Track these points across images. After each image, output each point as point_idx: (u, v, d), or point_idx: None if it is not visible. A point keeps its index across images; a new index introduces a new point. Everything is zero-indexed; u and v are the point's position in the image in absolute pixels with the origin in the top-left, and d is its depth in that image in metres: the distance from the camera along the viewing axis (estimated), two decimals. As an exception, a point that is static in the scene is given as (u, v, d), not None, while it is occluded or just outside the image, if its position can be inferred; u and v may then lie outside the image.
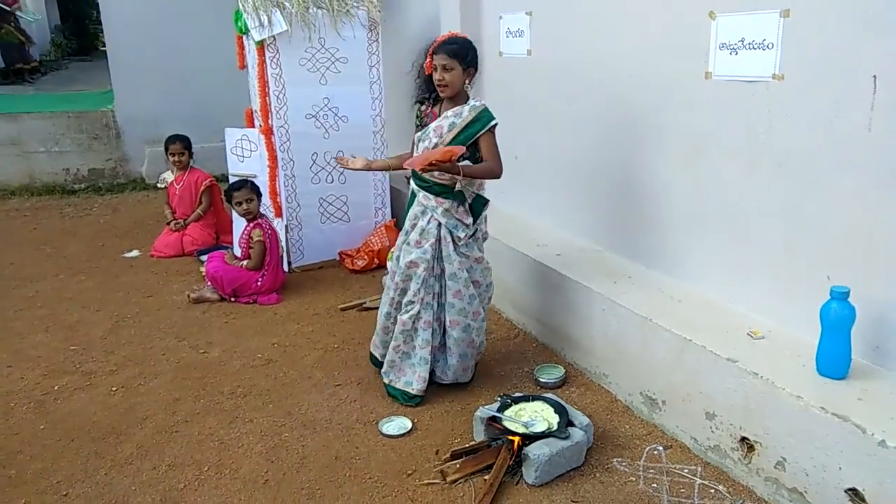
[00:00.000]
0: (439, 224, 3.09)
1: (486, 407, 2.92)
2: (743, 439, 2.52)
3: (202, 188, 5.40)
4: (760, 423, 2.43)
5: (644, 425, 2.99)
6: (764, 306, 2.81)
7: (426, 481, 2.66)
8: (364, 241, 5.07)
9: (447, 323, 3.19)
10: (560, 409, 2.84)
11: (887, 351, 2.38)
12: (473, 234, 3.15)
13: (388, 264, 4.51)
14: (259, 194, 4.51)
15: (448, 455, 2.78)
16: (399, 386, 3.21)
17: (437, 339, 3.23)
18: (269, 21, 4.39)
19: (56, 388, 3.40)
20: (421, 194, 3.14)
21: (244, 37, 5.02)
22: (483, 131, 3.02)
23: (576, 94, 3.81)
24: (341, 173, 4.94)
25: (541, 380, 3.34)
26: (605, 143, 3.63)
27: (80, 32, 20.51)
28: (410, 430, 3.00)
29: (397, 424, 3.03)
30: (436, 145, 3.06)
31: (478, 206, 3.14)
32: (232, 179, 5.06)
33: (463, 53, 3.01)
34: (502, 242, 4.05)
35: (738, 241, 2.90)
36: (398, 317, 3.22)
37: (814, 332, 2.45)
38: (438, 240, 3.11)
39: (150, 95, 7.48)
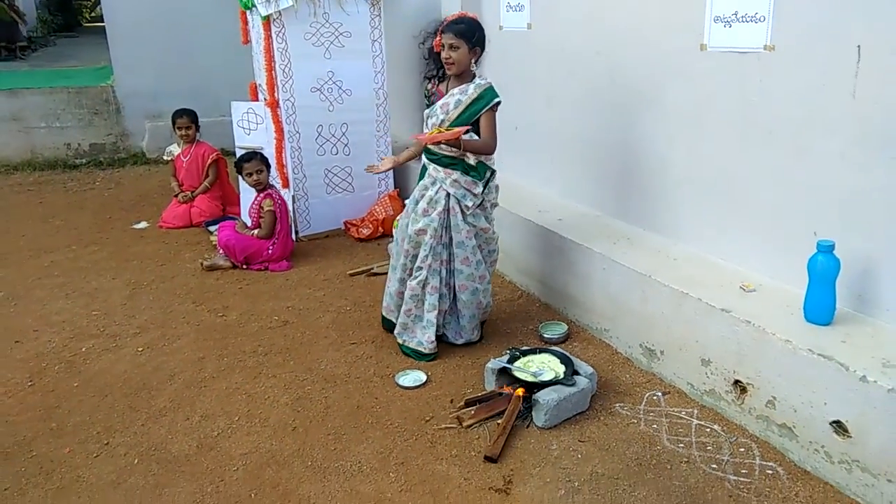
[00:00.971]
0: (448, 194, 3.27)
1: (497, 359, 3.13)
2: (736, 382, 2.75)
3: (209, 161, 5.53)
4: (752, 367, 2.66)
5: (643, 374, 3.21)
6: (755, 262, 3.02)
7: (443, 426, 2.87)
8: (369, 210, 5.24)
9: (457, 287, 3.39)
10: (566, 360, 3.06)
11: (868, 299, 2.60)
12: (480, 203, 3.32)
13: (394, 232, 4.70)
14: (268, 165, 4.65)
15: (462, 403, 2.99)
16: (412, 346, 3.41)
17: (445, 304, 3.42)
18: (276, -4, 4.50)
19: (84, 349, 3.57)
20: (431, 167, 3.31)
21: (248, 12, 5.13)
22: (486, 109, 3.19)
23: (575, 68, 3.98)
24: (346, 145, 5.09)
25: (545, 336, 3.55)
26: (603, 114, 3.81)
27: (65, 8, 20.30)
28: (425, 382, 3.20)
29: (413, 377, 3.23)
30: (442, 121, 3.24)
31: (482, 171, 3.27)
32: (238, 152, 5.19)
33: (469, 33, 3.16)
34: (505, 209, 4.20)
35: (730, 203, 3.11)
36: (408, 282, 3.40)
37: (801, 284, 2.67)
38: (447, 209, 3.29)
39: (149, 70, 7.54)
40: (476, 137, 3.21)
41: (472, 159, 3.23)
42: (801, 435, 2.51)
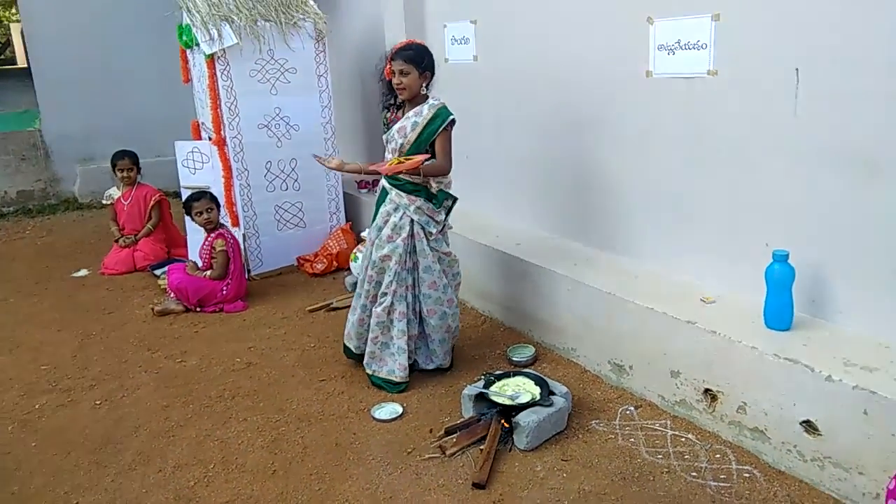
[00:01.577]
0: (412, 220, 3.30)
1: (473, 385, 3.15)
2: (706, 391, 2.86)
3: (152, 202, 5.39)
4: (721, 375, 2.77)
5: (614, 390, 3.30)
6: (712, 276, 3.17)
7: (426, 456, 2.86)
8: (322, 245, 5.21)
9: (424, 312, 3.41)
10: (540, 381, 3.11)
11: (822, 303, 2.76)
12: (442, 229, 3.38)
13: (351, 265, 4.70)
14: (218, 204, 4.57)
15: (442, 432, 2.99)
16: (382, 375, 3.40)
17: (414, 329, 3.43)
18: (220, 34, 4.47)
19: (37, 406, 3.40)
20: (393, 192, 3.33)
21: (188, 50, 5.08)
22: (441, 128, 3.24)
23: (523, 97, 4.10)
24: (295, 180, 5.06)
25: (514, 359, 3.60)
26: (554, 141, 3.93)
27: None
28: (402, 413, 3.19)
29: (388, 410, 3.21)
30: (401, 145, 3.28)
31: (441, 199, 3.31)
32: (184, 192, 5.09)
33: (418, 59, 3.24)
34: (462, 236, 4.29)
35: (684, 220, 3.26)
36: (373, 309, 3.40)
37: (756, 293, 2.82)
38: (411, 235, 3.32)
39: (78, 113, 7.32)
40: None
41: (433, 187, 3.28)
42: (773, 437, 2.63)
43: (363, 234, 4.69)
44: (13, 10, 28.20)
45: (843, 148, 2.58)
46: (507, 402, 3.00)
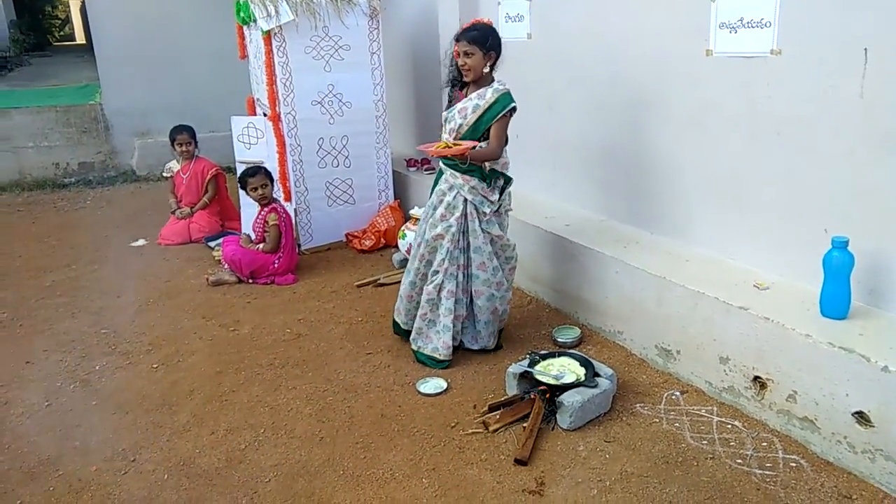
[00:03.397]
0: (465, 200, 3.31)
1: (518, 363, 3.16)
2: (755, 378, 2.81)
3: (209, 176, 5.52)
4: (772, 362, 2.73)
5: (660, 374, 3.27)
6: (766, 262, 3.10)
7: (470, 431, 2.90)
8: (370, 221, 5.27)
9: (473, 292, 3.43)
10: (585, 362, 3.11)
11: (881, 293, 2.69)
12: (497, 209, 3.37)
13: (399, 242, 4.74)
14: (272, 180, 4.67)
15: (486, 408, 3.02)
16: (427, 352, 3.44)
17: (462, 309, 3.45)
18: (276, 11, 4.53)
19: (97, 367, 3.55)
20: (448, 172, 3.35)
21: (245, 27, 5.16)
22: (501, 114, 3.24)
23: (576, 76, 4.06)
24: (346, 157, 5.11)
25: (559, 340, 3.60)
26: (606, 120, 3.88)
27: (36, 27, 20.13)
28: (446, 389, 3.23)
29: (433, 384, 3.26)
30: (460, 125, 3.29)
31: (492, 179, 3.31)
32: (238, 166, 5.20)
33: (482, 39, 3.22)
34: (511, 216, 4.28)
35: (739, 203, 3.19)
36: (424, 287, 3.44)
37: (812, 281, 2.76)
38: (465, 215, 3.33)
39: (136, 88, 7.52)
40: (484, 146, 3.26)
41: (486, 166, 3.28)
42: (823, 427, 2.58)
43: (412, 213, 4.74)
44: (73, -11, 29.10)
45: (912, 132, 2.49)
46: (552, 381, 3.00)
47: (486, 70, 3.30)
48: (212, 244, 5.23)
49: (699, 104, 3.28)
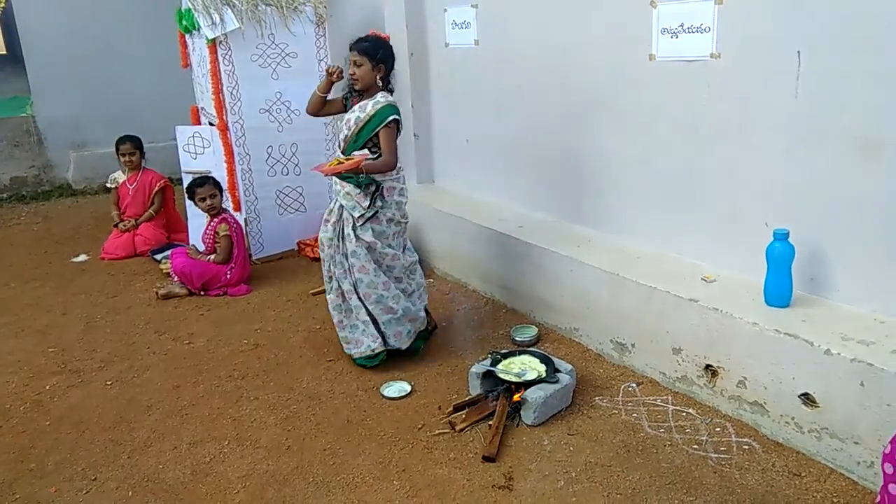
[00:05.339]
0: (341, 206, 3.36)
1: (480, 363, 3.22)
2: (707, 367, 2.95)
3: (156, 188, 5.40)
4: (722, 351, 2.86)
5: (616, 368, 3.38)
6: (712, 256, 3.25)
7: (437, 432, 2.94)
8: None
9: (362, 296, 3.41)
10: (545, 359, 3.19)
11: (820, 281, 2.85)
12: (372, 216, 3.33)
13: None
14: (221, 190, 4.61)
15: (451, 409, 3.07)
16: (364, 354, 3.43)
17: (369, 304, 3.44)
18: (221, 19, 4.49)
19: (48, 387, 3.44)
20: (334, 178, 3.40)
21: (187, 35, 5.08)
22: (381, 126, 3.26)
23: (524, 80, 4.15)
24: (296, 165, 5.09)
25: (517, 339, 3.68)
26: (555, 123, 3.99)
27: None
28: (410, 391, 3.26)
29: (397, 388, 3.28)
30: (345, 136, 3.37)
31: (363, 184, 3.26)
32: (184, 177, 5.11)
33: (373, 51, 3.28)
34: (464, 219, 4.37)
35: (686, 202, 3.33)
36: (327, 296, 3.50)
37: (755, 272, 2.91)
38: (341, 219, 3.37)
39: (71, 99, 7.28)
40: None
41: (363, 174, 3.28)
42: (771, 410, 2.72)
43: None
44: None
45: (842, 129, 2.66)
46: (515, 379, 3.07)
47: (379, 83, 3.35)
48: (158, 257, 5.11)
49: (644, 107, 3.41)
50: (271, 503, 2.55)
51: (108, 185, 5.64)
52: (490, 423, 2.93)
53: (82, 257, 5.37)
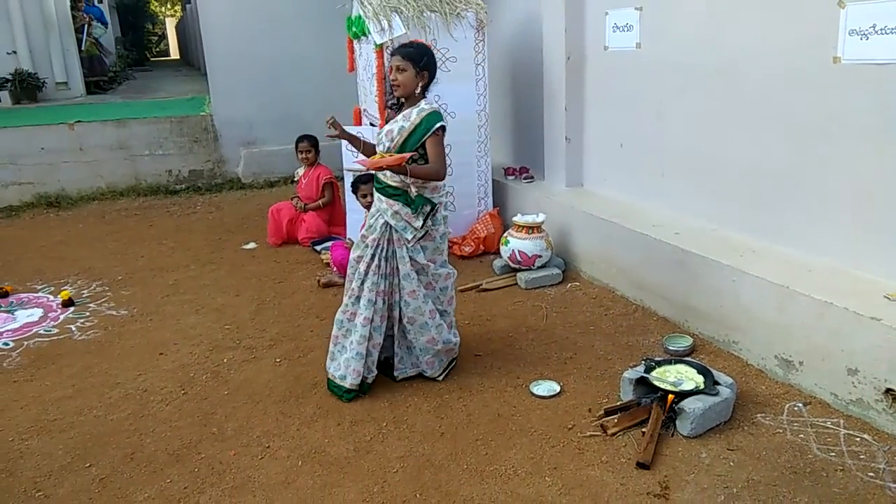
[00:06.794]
0: (388, 225, 3.22)
1: (632, 369, 3.18)
2: (888, 391, 2.74)
3: (323, 182, 5.78)
4: (908, 375, 2.66)
5: (780, 385, 3.22)
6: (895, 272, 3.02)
7: (588, 434, 2.94)
8: (470, 228, 5.38)
9: (405, 319, 3.31)
10: (703, 370, 3.10)
11: None
12: (423, 236, 3.24)
13: (501, 249, 4.80)
14: (380, 186, 4.83)
15: (602, 412, 3.05)
16: (335, 380, 3.30)
17: (379, 337, 3.31)
18: (390, 25, 4.72)
19: (225, 360, 3.77)
20: (377, 195, 3.31)
21: (356, 41, 5.38)
22: (428, 135, 3.14)
23: (688, 84, 4.04)
24: (449, 165, 5.22)
25: (670, 348, 3.59)
26: (719, 128, 3.86)
27: (137, 44, 21.51)
28: (559, 392, 3.28)
29: (546, 387, 3.31)
30: (388, 149, 3.22)
31: (419, 205, 3.17)
32: (346, 174, 5.42)
33: (417, 57, 3.17)
34: (615, 223, 4.32)
35: (867, 213, 3.12)
36: (338, 310, 3.36)
37: (951, 293, 2.67)
38: (389, 239, 3.23)
39: (244, 100, 7.92)
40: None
41: (413, 192, 3.17)
42: (965, 443, 2.49)
43: (515, 219, 4.81)
44: (168, 6, 30.83)
45: None
46: (670, 388, 3.01)
47: (418, 91, 3.22)
48: (318, 248, 5.46)
49: (826, 113, 3.23)
50: (427, 486, 2.66)
51: (294, 179, 6.11)
52: (643, 429, 2.89)
53: (251, 245, 5.83)
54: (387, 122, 3.33)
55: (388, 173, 3.19)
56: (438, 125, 3.16)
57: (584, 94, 5.00)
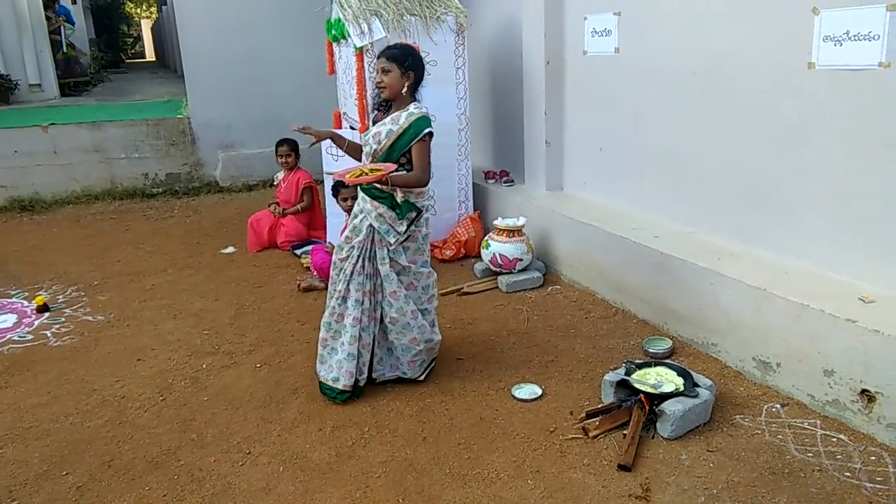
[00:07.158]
0: (371, 226, 3.21)
1: (613, 372, 3.20)
2: (863, 391, 2.79)
3: (302, 186, 5.75)
4: (882, 376, 2.70)
5: (758, 387, 3.26)
6: (870, 275, 3.07)
7: (570, 436, 2.95)
8: (451, 232, 5.38)
9: (387, 320, 3.30)
10: (683, 373, 3.13)
11: None
12: (405, 240, 3.24)
13: (482, 252, 4.81)
14: (361, 190, 4.82)
15: (583, 415, 3.06)
16: (328, 382, 3.29)
17: (369, 337, 3.30)
18: (370, 29, 4.72)
19: (204, 366, 3.73)
20: (361, 195, 3.29)
21: (335, 44, 5.36)
22: (416, 140, 3.13)
23: (667, 89, 4.09)
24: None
25: (650, 351, 3.62)
26: (697, 133, 3.90)
27: (111, 45, 21.26)
28: (541, 395, 3.29)
29: (528, 390, 3.32)
30: (374, 151, 3.21)
31: (405, 211, 3.17)
32: (326, 178, 5.39)
33: (401, 58, 3.16)
34: (595, 227, 4.35)
35: (842, 218, 3.17)
36: (324, 314, 3.35)
37: (923, 294, 2.72)
38: (373, 240, 3.22)
39: (221, 102, 7.86)
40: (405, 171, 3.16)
41: (399, 196, 3.16)
42: (938, 442, 2.54)
43: (496, 223, 4.82)
44: (144, 7, 30.52)
45: None
46: (651, 390, 3.03)
47: (405, 91, 3.20)
48: (298, 252, 5.43)
49: (802, 117, 3.28)
50: (410, 490, 2.66)
51: (274, 183, 6.08)
52: (624, 432, 2.91)
53: (230, 249, 5.78)
54: (374, 124, 3.31)
55: (367, 166, 3.18)
56: (426, 131, 3.15)
57: (564, 98, 5.03)
